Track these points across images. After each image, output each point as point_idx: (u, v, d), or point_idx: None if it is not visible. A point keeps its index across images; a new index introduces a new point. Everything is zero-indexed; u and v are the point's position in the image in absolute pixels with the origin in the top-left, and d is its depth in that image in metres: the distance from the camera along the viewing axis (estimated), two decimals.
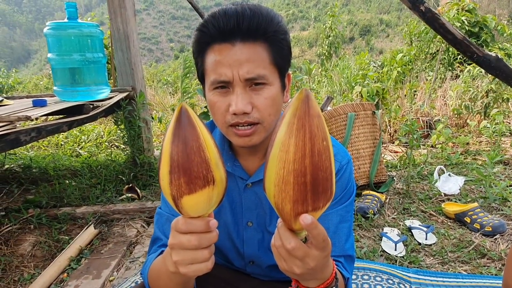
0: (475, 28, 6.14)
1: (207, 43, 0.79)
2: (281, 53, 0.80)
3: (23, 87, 8.73)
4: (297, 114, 0.52)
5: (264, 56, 0.77)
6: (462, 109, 4.09)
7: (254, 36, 0.76)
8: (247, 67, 0.76)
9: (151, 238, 0.99)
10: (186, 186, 0.56)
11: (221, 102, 0.79)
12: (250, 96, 0.78)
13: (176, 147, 0.55)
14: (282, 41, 0.80)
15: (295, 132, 0.52)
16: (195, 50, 0.83)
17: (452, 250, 1.93)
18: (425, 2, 2.58)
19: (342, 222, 0.89)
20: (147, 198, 2.71)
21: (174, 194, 0.57)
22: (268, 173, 0.56)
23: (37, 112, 2.03)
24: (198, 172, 0.56)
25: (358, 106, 2.76)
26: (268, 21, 0.77)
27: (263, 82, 0.78)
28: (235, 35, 0.76)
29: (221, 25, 0.75)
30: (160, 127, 4.97)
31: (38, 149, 4.13)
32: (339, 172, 0.90)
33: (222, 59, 0.76)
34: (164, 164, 0.56)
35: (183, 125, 0.55)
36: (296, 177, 0.53)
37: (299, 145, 0.52)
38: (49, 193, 2.65)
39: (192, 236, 0.61)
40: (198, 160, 0.55)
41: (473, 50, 2.54)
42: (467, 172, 2.95)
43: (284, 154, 0.53)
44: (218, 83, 0.78)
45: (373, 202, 2.41)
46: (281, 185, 0.54)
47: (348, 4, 76.23)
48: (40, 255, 2.08)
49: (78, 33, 2.54)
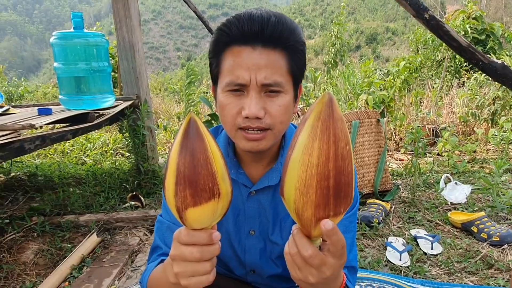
0: (482, 36, 6.10)
1: (226, 43, 0.78)
2: (298, 63, 0.81)
3: (32, 96, 8.85)
4: (321, 117, 0.52)
5: (282, 64, 0.78)
6: (468, 116, 4.05)
7: (275, 43, 0.77)
8: (265, 72, 0.76)
9: (151, 246, 0.98)
10: (192, 199, 0.55)
11: (234, 104, 0.79)
12: (264, 101, 0.78)
13: (183, 159, 0.55)
14: (301, 52, 0.81)
15: (319, 135, 0.51)
16: (212, 50, 0.82)
17: (459, 260, 1.89)
18: (429, 10, 2.57)
19: (346, 233, 0.88)
20: (150, 206, 2.70)
21: (179, 206, 0.56)
22: (288, 177, 0.54)
23: (42, 121, 2.05)
24: (204, 185, 0.55)
25: (363, 114, 2.75)
26: (291, 30, 0.77)
27: (278, 89, 0.78)
28: (257, 39, 0.76)
29: (245, 27, 0.75)
30: (165, 135, 4.99)
31: (44, 157, 4.16)
32: None
33: (241, 61, 0.76)
34: (170, 175, 0.56)
35: (191, 137, 0.55)
36: (320, 181, 0.52)
37: (324, 148, 0.51)
38: (53, 201, 2.66)
39: (195, 248, 0.60)
40: (205, 173, 0.55)
41: (479, 58, 2.52)
42: (474, 181, 2.91)
43: (307, 157, 0.52)
44: (234, 85, 0.78)
45: (377, 211, 2.38)
46: (303, 189, 0.53)
47: (354, 13, 76.50)
48: (43, 263, 2.08)
49: (84, 42, 2.57)
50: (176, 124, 5.78)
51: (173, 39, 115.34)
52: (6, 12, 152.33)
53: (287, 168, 0.55)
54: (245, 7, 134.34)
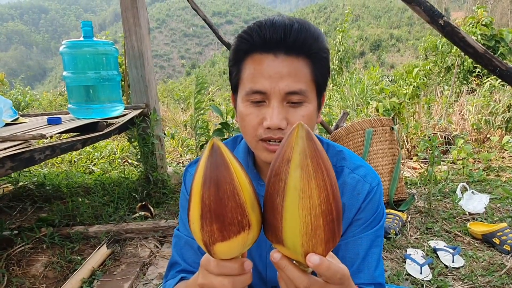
0: (491, 42, 6.05)
1: (247, 51, 0.75)
2: (322, 71, 0.77)
3: (38, 104, 8.88)
4: (307, 154, 0.48)
5: (306, 72, 0.74)
6: (482, 123, 3.98)
7: (298, 51, 0.73)
8: (287, 81, 0.72)
9: (169, 262, 0.94)
10: (219, 233, 0.51)
11: (254, 115, 0.75)
12: (286, 111, 0.74)
13: (208, 190, 0.50)
14: (324, 60, 0.77)
15: (313, 174, 0.48)
16: (232, 58, 0.79)
17: (482, 274, 1.82)
18: (444, 16, 2.52)
19: (372, 248, 0.84)
20: (160, 216, 2.65)
21: (206, 241, 0.52)
22: (288, 225, 0.51)
23: (52, 130, 2.01)
24: (232, 218, 0.51)
25: (376, 122, 2.69)
26: (314, 37, 0.74)
27: (301, 99, 0.74)
28: (279, 47, 0.72)
29: (267, 35, 0.72)
30: (172, 143, 4.95)
31: (51, 166, 4.14)
32: (369, 195, 0.85)
33: (263, 69, 0.73)
34: (195, 208, 0.52)
35: (215, 165, 0.50)
36: (325, 217, 0.50)
37: (321, 185, 0.49)
38: (62, 211, 2.62)
39: (226, 279, 0.56)
40: (233, 205, 0.50)
41: (496, 64, 2.47)
42: (491, 190, 2.84)
43: (307, 200, 0.49)
44: (253, 93, 0.74)
45: (394, 221, 2.31)
46: (311, 232, 0.50)
47: (358, 20, 76.75)
48: (52, 276, 2.03)
49: (93, 51, 2.55)
50: (183, 132, 5.75)
51: (177, 47, 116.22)
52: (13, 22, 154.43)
53: (283, 216, 0.50)
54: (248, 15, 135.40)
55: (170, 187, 2.99)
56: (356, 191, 0.84)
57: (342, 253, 0.84)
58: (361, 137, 2.66)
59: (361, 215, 0.84)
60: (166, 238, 2.39)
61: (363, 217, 0.84)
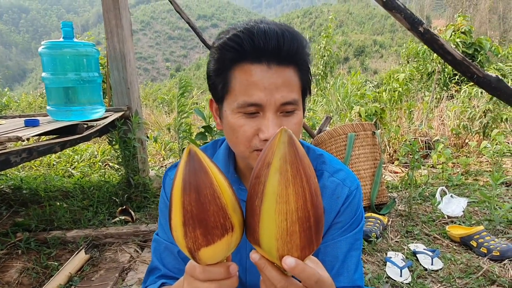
0: (470, 50, 6.22)
1: (235, 60, 0.73)
2: (307, 77, 0.78)
3: (17, 106, 8.66)
4: (287, 159, 0.48)
5: (296, 80, 0.75)
6: (460, 129, 4.07)
7: (290, 61, 0.73)
8: (282, 92, 0.72)
9: (148, 268, 0.92)
10: (203, 238, 0.51)
11: (249, 126, 0.74)
12: (281, 121, 0.74)
13: (188, 197, 0.50)
14: (307, 64, 0.78)
15: (291, 180, 0.48)
16: (217, 67, 0.76)
17: (460, 276, 1.85)
18: (423, 23, 2.58)
19: (351, 251, 0.85)
20: (141, 221, 2.61)
21: (191, 247, 0.52)
22: (263, 228, 0.51)
23: (29, 133, 1.96)
24: (215, 222, 0.51)
25: (358, 126, 2.72)
26: (303, 46, 0.74)
27: (294, 108, 0.75)
28: (272, 57, 0.71)
29: (260, 44, 0.70)
30: (155, 146, 4.89)
31: (29, 169, 4.03)
32: (348, 198, 0.85)
33: (257, 81, 0.71)
34: (176, 215, 0.51)
35: (193, 171, 0.50)
36: (302, 224, 0.50)
37: (299, 192, 0.49)
38: (39, 216, 2.55)
39: (212, 284, 0.57)
40: (214, 209, 0.50)
41: (473, 71, 2.53)
42: (469, 193, 2.90)
43: (283, 205, 0.49)
44: (248, 105, 0.72)
45: (375, 225, 2.33)
46: (286, 237, 0.50)
47: (342, 26, 77.82)
48: (27, 282, 1.97)
49: (73, 52, 2.50)
50: (166, 135, 5.69)
51: (162, 49, 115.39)
52: None
53: (260, 218, 0.51)
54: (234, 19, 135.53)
55: (152, 191, 2.95)
56: (336, 194, 0.85)
57: (322, 257, 0.84)
58: (344, 141, 2.68)
59: (340, 219, 0.85)
60: (146, 242, 2.35)
61: (342, 221, 0.85)
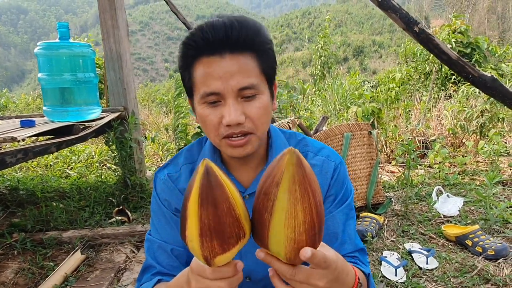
0: (467, 49, 6.23)
1: (194, 56, 0.78)
2: (268, 62, 0.81)
3: (15, 107, 8.66)
4: (296, 180, 0.53)
5: (253, 66, 0.78)
6: (457, 129, 4.08)
7: (242, 47, 0.77)
8: (237, 78, 0.76)
9: (142, 266, 0.94)
10: (220, 248, 0.55)
11: (213, 115, 0.79)
12: (242, 106, 0.78)
13: (206, 211, 0.53)
14: (269, 51, 0.81)
15: (300, 199, 0.53)
16: (181, 64, 0.82)
17: (455, 275, 1.85)
18: (419, 23, 2.58)
19: (348, 220, 0.92)
20: (137, 221, 2.61)
21: (207, 255, 0.56)
22: (273, 237, 0.56)
23: (24, 133, 1.96)
24: (231, 232, 0.55)
25: (354, 126, 2.72)
26: (255, 31, 0.78)
27: (254, 92, 0.78)
28: (224, 47, 0.76)
29: (209, 37, 0.75)
30: (153, 147, 4.89)
31: (26, 170, 4.03)
32: (335, 171, 0.92)
33: (212, 71, 0.76)
34: (193, 226, 0.54)
35: (210, 186, 0.53)
36: (308, 233, 0.55)
37: (307, 208, 0.54)
38: (35, 217, 2.55)
39: (223, 282, 0.61)
40: (230, 221, 0.55)
41: (468, 71, 2.54)
42: (465, 193, 2.90)
43: (292, 220, 0.54)
44: (208, 95, 0.77)
45: (371, 224, 2.34)
46: (294, 244, 0.56)
47: (341, 26, 77.89)
48: (23, 283, 1.97)
49: (69, 53, 2.50)
50: (164, 136, 5.69)
51: (161, 50, 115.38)
52: None
53: (269, 230, 0.56)
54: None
55: (149, 191, 2.95)
56: (324, 170, 0.92)
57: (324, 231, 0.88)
58: (340, 141, 2.68)
59: (332, 191, 0.91)
60: (143, 243, 2.35)
61: (334, 193, 0.91)
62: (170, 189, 0.93)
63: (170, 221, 0.92)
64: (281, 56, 66.89)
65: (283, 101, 3.55)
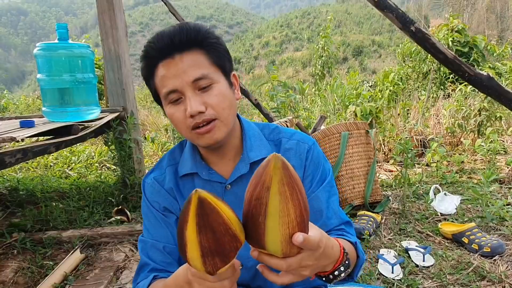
0: (465, 48, 6.24)
1: (152, 65, 0.87)
2: (217, 54, 0.89)
3: (15, 108, 8.68)
4: (284, 182, 0.58)
5: (202, 59, 0.86)
6: (455, 127, 4.09)
7: (187, 46, 0.85)
8: (189, 72, 0.84)
9: (138, 266, 0.99)
10: (221, 263, 0.60)
11: (179, 111, 0.87)
12: (201, 97, 0.85)
13: (205, 236, 0.58)
14: (214, 45, 0.88)
15: (289, 197, 0.59)
16: (145, 76, 0.91)
17: (451, 272, 1.87)
18: (415, 23, 2.60)
19: (331, 196, 0.98)
20: (136, 220, 2.63)
21: (210, 270, 0.61)
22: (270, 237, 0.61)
23: (23, 133, 1.98)
24: (230, 248, 0.60)
25: (352, 125, 2.74)
26: (196, 31, 0.86)
27: (209, 82, 0.86)
28: (171, 50, 0.85)
29: (158, 45, 0.85)
30: (152, 147, 4.91)
31: (26, 171, 4.05)
32: (309, 152, 0.98)
33: (167, 72, 0.85)
34: (193, 250, 0.59)
35: (206, 214, 0.57)
36: (299, 224, 0.61)
37: (296, 204, 0.59)
38: (35, 216, 2.57)
39: (225, 281, 0.67)
40: (228, 239, 0.59)
41: (465, 69, 2.55)
42: (462, 191, 2.92)
43: (286, 218, 0.59)
44: (168, 93, 0.86)
45: (368, 222, 2.35)
46: (288, 239, 0.61)
47: (340, 26, 77.87)
48: (23, 282, 1.98)
49: (68, 53, 2.52)
50: (164, 136, 5.71)
51: None
52: None
53: (265, 231, 0.60)
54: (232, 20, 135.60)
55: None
56: (298, 152, 0.98)
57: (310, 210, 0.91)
58: (337, 140, 2.70)
59: (308, 172, 0.98)
60: None
61: (310, 174, 0.98)
62: (158, 190, 1.00)
63: (160, 221, 0.98)
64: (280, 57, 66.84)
65: (281, 100, 3.56)
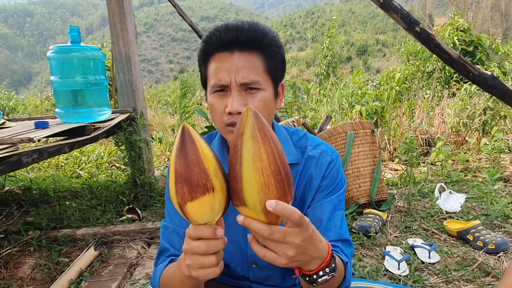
0: (470, 47, 6.25)
1: (210, 52, 0.90)
2: (274, 63, 0.91)
3: (24, 109, 8.79)
4: (256, 126, 0.60)
5: (258, 64, 0.88)
6: (460, 126, 4.12)
7: (250, 47, 0.87)
8: (242, 73, 0.86)
9: (158, 250, 1.03)
10: (188, 194, 0.62)
11: (219, 104, 0.89)
12: (245, 98, 0.88)
13: (179, 161, 0.62)
14: (276, 53, 0.90)
15: (261, 141, 0.60)
16: (200, 58, 0.94)
17: (456, 269, 1.91)
18: (420, 23, 2.64)
19: (336, 210, 0.97)
20: (147, 219, 2.69)
21: (179, 202, 0.63)
22: (246, 186, 0.62)
23: (40, 134, 2.04)
24: (198, 181, 0.62)
25: (357, 125, 2.78)
26: (263, 34, 0.88)
27: (257, 87, 0.88)
28: (234, 45, 0.87)
29: (222, 36, 0.86)
30: (160, 147, 4.98)
31: (38, 171, 4.13)
32: (330, 164, 0.99)
33: (222, 65, 0.87)
34: (171, 176, 0.63)
35: (184, 142, 0.62)
36: (275, 177, 0.61)
37: (269, 150, 0.60)
38: (49, 215, 2.64)
39: (201, 242, 0.67)
40: (197, 171, 0.62)
41: (469, 69, 2.59)
42: (467, 189, 2.95)
43: (259, 162, 0.60)
44: (217, 86, 0.88)
45: (374, 220, 2.40)
46: (265, 189, 0.61)
47: (344, 25, 77.65)
48: (40, 278, 2.05)
49: (81, 56, 2.59)
50: (171, 136, 5.78)
51: (166, 51, 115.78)
52: None
53: (242, 179, 0.61)
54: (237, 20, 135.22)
55: (157, 190, 3.03)
56: (320, 162, 0.99)
57: (311, 218, 0.93)
58: (343, 139, 2.75)
59: (324, 182, 0.98)
60: (153, 240, 2.44)
61: (326, 184, 0.98)
62: None
63: None
64: None
65: (288, 100, 3.61)
